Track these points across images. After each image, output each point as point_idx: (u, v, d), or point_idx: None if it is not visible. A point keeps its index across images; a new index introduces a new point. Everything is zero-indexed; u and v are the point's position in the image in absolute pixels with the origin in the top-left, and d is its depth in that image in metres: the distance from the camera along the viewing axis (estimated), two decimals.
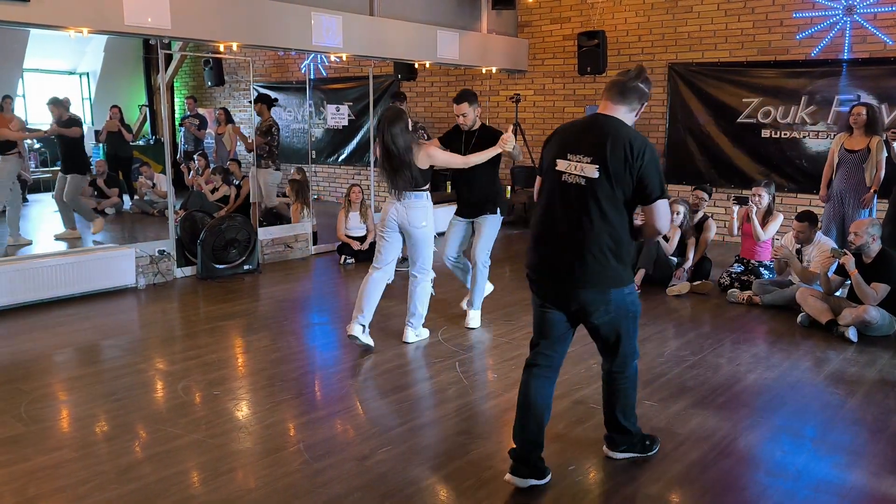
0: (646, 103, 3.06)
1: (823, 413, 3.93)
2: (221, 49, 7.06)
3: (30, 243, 7.64)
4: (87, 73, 14.48)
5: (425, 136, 9.01)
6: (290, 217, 8.28)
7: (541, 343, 3.14)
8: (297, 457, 3.35)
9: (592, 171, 2.89)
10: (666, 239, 6.64)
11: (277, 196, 8.92)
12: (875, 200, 6.45)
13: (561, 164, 3.01)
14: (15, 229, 7.81)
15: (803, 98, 8.29)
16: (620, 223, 2.93)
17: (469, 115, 5.10)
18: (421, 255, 4.85)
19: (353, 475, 3.18)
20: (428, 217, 4.79)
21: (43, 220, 9.10)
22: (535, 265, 3.09)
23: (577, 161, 2.95)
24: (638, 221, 3.01)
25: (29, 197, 9.71)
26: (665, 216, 2.96)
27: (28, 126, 10.51)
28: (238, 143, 9.71)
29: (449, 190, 9.85)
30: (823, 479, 3.19)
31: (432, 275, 5.00)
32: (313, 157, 11.09)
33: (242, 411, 3.90)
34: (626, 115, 3.01)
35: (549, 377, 3.15)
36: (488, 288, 5.64)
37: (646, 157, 2.87)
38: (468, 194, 5.26)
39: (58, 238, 8.08)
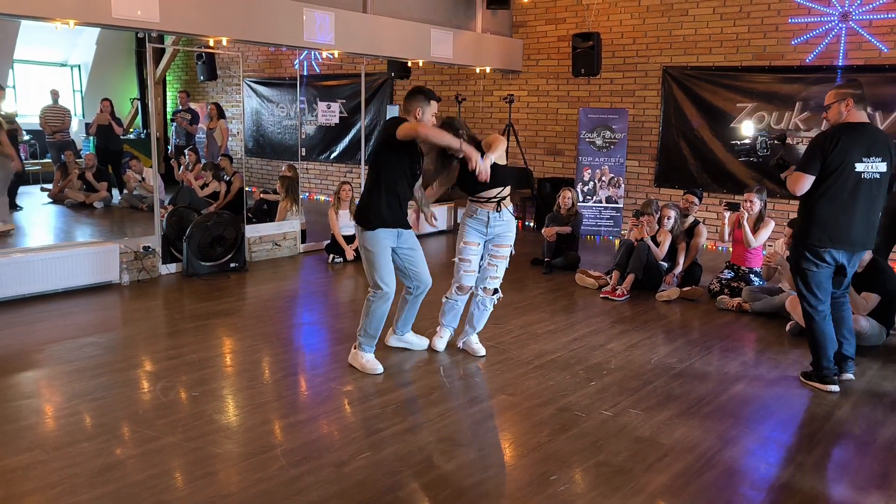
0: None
1: (810, 425, 3.88)
2: (211, 44, 6.98)
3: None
4: (79, 66, 14.37)
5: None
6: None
7: (825, 297, 4.19)
8: (274, 462, 3.28)
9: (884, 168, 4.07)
10: (656, 243, 6.60)
11: (266, 192, 8.84)
12: None
13: (859, 166, 4.03)
14: None
15: (797, 104, 8.25)
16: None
17: None
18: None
19: (330, 482, 3.12)
20: None
21: (32, 213, 9.03)
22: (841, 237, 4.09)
23: (871, 162, 4.04)
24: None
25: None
26: None
27: (18, 117, 10.41)
28: (229, 139, 9.63)
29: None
30: (809, 492, 3.14)
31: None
32: (303, 154, 11.02)
33: (222, 413, 3.83)
34: None
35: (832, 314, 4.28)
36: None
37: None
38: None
39: None
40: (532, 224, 10.29)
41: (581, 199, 9.37)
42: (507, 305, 6.02)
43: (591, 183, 9.51)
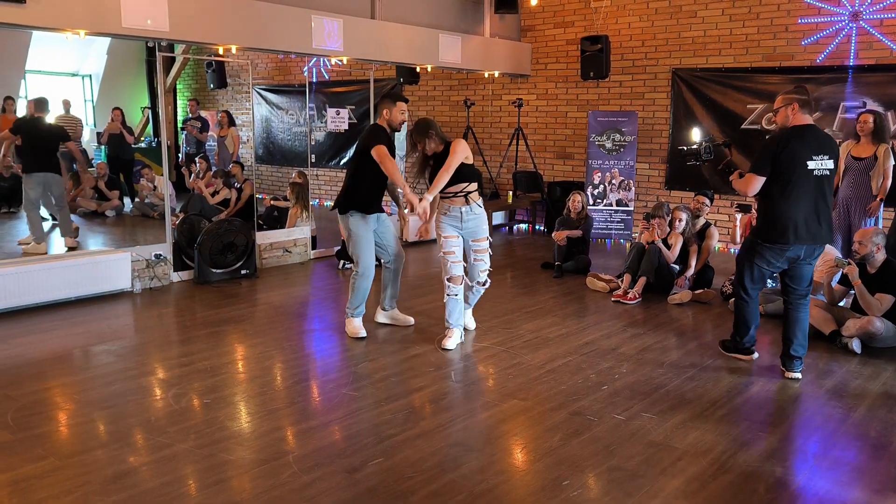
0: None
1: (825, 427, 3.85)
2: (221, 52, 7.02)
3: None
4: (90, 75, 14.47)
5: None
6: None
7: (759, 288, 4.64)
8: (286, 468, 3.28)
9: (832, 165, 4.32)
10: (668, 246, 6.57)
11: (276, 199, 8.87)
12: (881, 209, 6.37)
13: (810, 164, 4.26)
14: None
15: None
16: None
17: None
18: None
19: (341, 488, 3.11)
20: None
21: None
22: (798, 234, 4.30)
23: (820, 159, 4.27)
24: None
25: None
26: None
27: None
28: (240, 146, 9.67)
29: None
30: (824, 496, 3.11)
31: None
32: (313, 160, 11.04)
33: (234, 420, 3.84)
34: None
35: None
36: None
37: None
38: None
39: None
40: (542, 228, 10.27)
41: (591, 202, 9.35)
42: (518, 310, 6.00)
43: (602, 186, 9.48)
